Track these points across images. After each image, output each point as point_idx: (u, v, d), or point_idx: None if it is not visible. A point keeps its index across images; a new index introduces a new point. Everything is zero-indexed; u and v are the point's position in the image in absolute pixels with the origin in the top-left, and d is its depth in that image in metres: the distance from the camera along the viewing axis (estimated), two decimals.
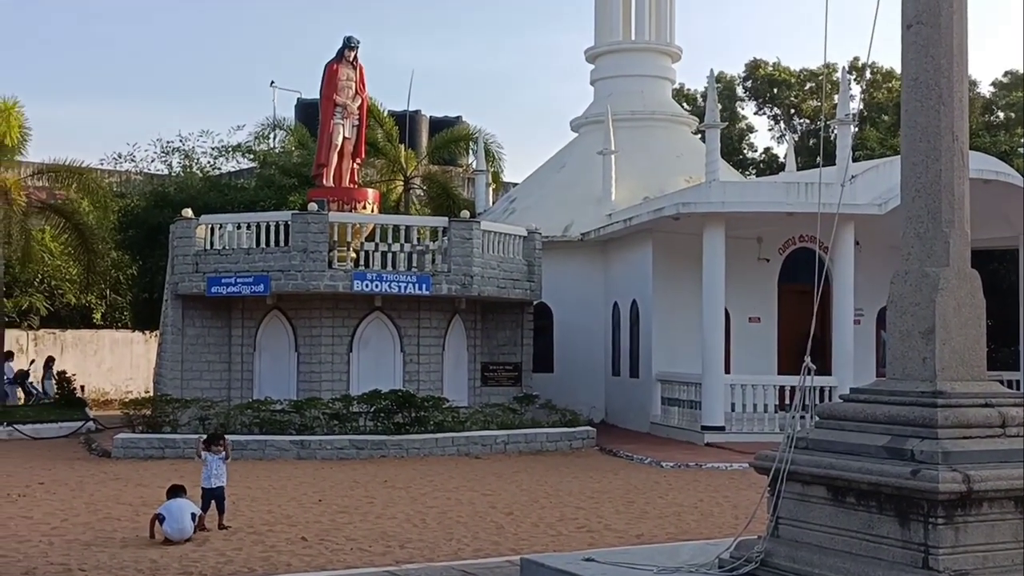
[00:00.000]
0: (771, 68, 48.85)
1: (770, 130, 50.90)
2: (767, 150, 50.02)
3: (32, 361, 35.00)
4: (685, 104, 44.17)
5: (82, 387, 32.20)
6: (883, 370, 25.40)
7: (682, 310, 27.22)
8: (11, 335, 33.00)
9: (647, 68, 34.22)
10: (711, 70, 38.26)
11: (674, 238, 27.52)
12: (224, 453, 14.75)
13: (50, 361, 33.28)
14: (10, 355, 33.02)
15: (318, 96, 28.15)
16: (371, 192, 28.09)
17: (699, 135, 34.20)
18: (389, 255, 25.44)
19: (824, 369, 24.18)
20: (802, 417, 11.78)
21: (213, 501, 14.43)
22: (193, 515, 13.63)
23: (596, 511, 16.16)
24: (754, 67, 49.25)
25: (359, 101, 27.48)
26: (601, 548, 12.20)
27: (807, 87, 48.33)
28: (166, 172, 37.72)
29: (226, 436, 15.89)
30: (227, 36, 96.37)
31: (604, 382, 30.73)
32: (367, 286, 24.75)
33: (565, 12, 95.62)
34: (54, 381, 32.55)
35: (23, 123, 31.44)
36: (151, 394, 28.58)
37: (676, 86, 38.23)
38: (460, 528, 14.59)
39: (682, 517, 15.72)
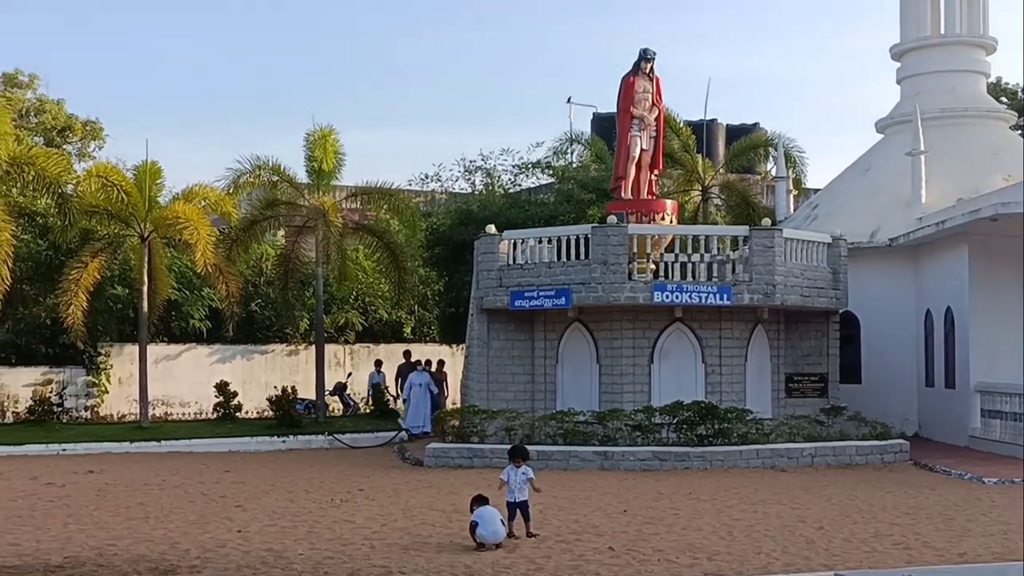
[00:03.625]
0: None
1: None
2: None
3: (349, 374, 36.87)
4: (1003, 98, 41.66)
5: (394, 398, 33.64)
6: None
7: (1003, 317, 25.66)
8: (329, 349, 34.90)
9: (958, 62, 32.51)
10: None
11: (992, 241, 25.97)
12: (524, 468, 14.74)
13: (378, 364, 34.74)
14: (379, 363, 34.79)
15: (615, 109, 28.32)
16: (669, 203, 28.01)
17: (1019, 131, 32.13)
18: (689, 265, 25.27)
19: None
20: None
21: (518, 510, 14.66)
22: (502, 521, 13.94)
23: (912, 527, 15.41)
24: None
25: (656, 112, 27.48)
26: (921, 566, 11.63)
27: None
28: (469, 190, 38.96)
29: (527, 448, 15.98)
30: (524, 56, 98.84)
31: (916, 393, 29.32)
32: (667, 297, 24.64)
33: (865, 10, 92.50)
34: (383, 381, 33.97)
35: (338, 149, 33.26)
36: (458, 405, 29.63)
37: (991, 80, 36.12)
38: (768, 542, 14.25)
39: (1009, 536, 14.73)
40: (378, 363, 34.56)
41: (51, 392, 32.14)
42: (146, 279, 30.93)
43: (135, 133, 78.43)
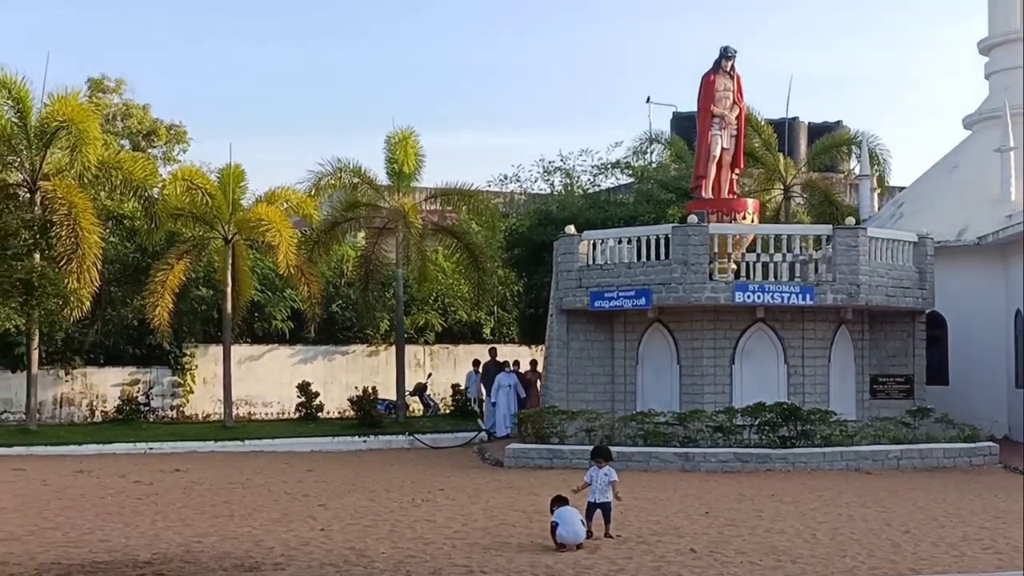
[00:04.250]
0: None
1: None
2: None
3: (429, 375, 37.05)
4: None
5: (474, 399, 33.70)
6: None
7: None
8: (409, 350, 35.10)
9: None
10: None
11: None
12: (607, 469, 14.68)
13: (476, 364, 34.31)
14: (477, 363, 33.53)
15: (695, 108, 28.14)
16: (751, 202, 27.74)
17: None
18: (771, 265, 25.02)
19: None
20: None
21: (599, 510, 14.59)
22: (581, 521, 13.90)
23: (1003, 532, 15.06)
24: None
25: (736, 111, 27.25)
26: (1012, 571, 11.34)
27: None
28: (548, 191, 38.93)
29: (609, 449, 15.91)
30: (603, 56, 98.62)
31: (1006, 395, 28.67)
32: (749, 297, 24.41)
33: (952, 4, 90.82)
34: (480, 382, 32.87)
35: (418, 151, 33.45)
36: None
37: None
38: (854, 545, 14.03)
39: None
40: (476, 363, 33.77)
41: (138, 392, 32.75)
42: (230, 280, 31.39)
43: (218, 136, 79.74)
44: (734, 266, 25.21)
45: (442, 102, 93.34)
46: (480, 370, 33.04)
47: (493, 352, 33.13)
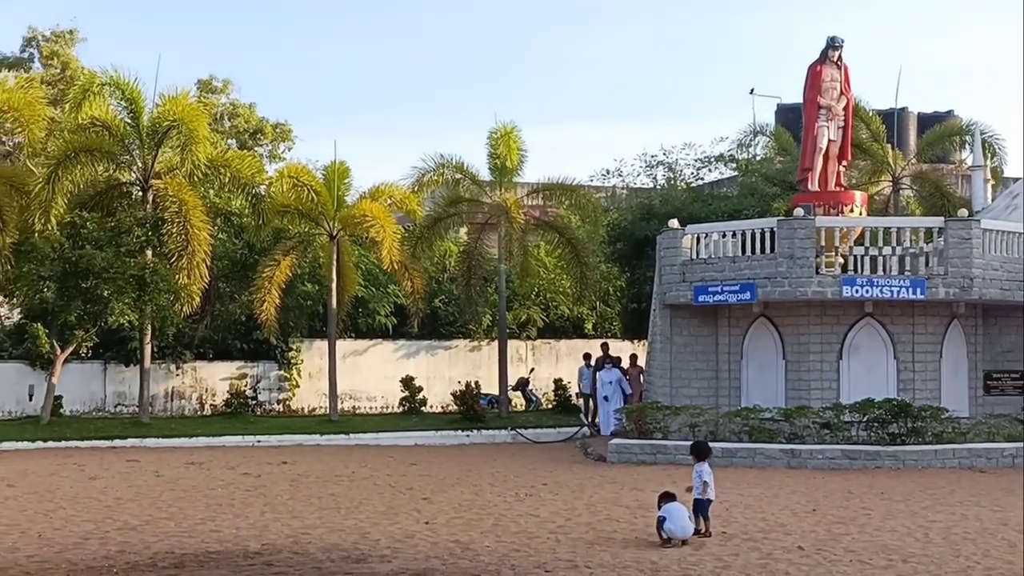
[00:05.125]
0: None
1: None
2: None
3: (532, 370, 37.06)
4: None
5: (575, 395, 33.59)
6: None
7: None
8: (511, 345, 35.11)
9: None
10: None
11: None
12: (700, 466, 14.46)
13: (587, 357, 32.61)
14: (588, 356, 32.20)
15: (800, 100, 27.68)
16: (858, 195, 27.21)
17: None
18: (879, 259, 24.55)
19: None
20: None
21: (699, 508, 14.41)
22: (689, 518, 13.77)
23: None
24: None
25: (844, 102, 26.76)
26: None
27: None
28: (651, 185, 38.65)
29: (708, 444, 15.63)
30: (705, 48, 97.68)
31: None
32: (856, 291, 23.97)
33: None
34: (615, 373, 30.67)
35: (520, 146, 33.49)
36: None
37: None
38: (968, 545, 13.69)
39: None
40: (587, 357, 32.41)
41: (246, 386, 33.31)
42: (335, 276, 31.77)
43: (322, 135, 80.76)
44: (841, 260, 24.78)
45: (544, 97, 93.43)
46: (592, 364, 32.27)
47: (605, 347, 32.20)
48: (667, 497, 13.97)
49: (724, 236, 25.78)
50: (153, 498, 17.59)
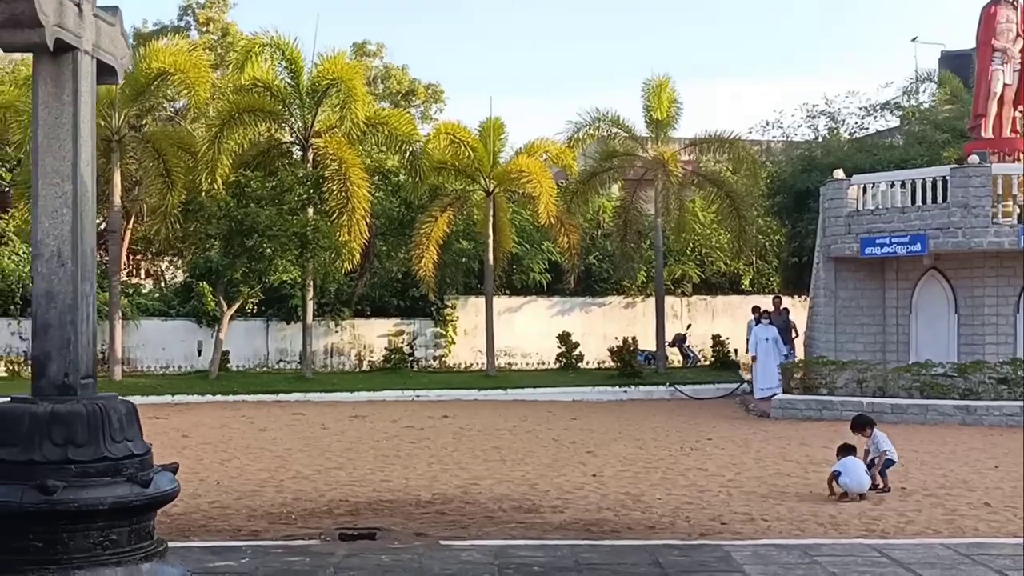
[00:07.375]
0: None
1: None
2: None
3: (689, 325, 36.62)
4: None
5: (735, 350, 33.08)
6: None
7: None
8: (666, 301, 34.71)
9: None
10: None
11: None
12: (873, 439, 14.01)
13: (755, 311, 28.57)
14: (756, 309, 28.67)
15: (963, 47, 26.49)
16: None
17: None
18: None
19: None
20: None
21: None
22: (866, 472, 13.34)
23: None
24: None
25: (1020, 44, 25.48)
26: None
27: None
28: (812, 137, 37.65)
29: (868, 417, 15.04)
30: None
31: None
32: None
33: None
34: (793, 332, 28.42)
35: (674, 99, 32.95)
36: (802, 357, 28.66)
37: None
38: None
39: None
40: (756, 310, 28.68)
41: (403, 342, 33.73)
42: (491, 232, 31.82)
43: (473, 94, 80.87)
44: (1019, 209, 23.67)
45: (701, 50, 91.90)
46: (761, 318, 28.38)
47: (777, 302, 29.11)
48: (846, 449, 13.54)
49: (892, 186, 24.90)
50: (322, 449, 17.89)
